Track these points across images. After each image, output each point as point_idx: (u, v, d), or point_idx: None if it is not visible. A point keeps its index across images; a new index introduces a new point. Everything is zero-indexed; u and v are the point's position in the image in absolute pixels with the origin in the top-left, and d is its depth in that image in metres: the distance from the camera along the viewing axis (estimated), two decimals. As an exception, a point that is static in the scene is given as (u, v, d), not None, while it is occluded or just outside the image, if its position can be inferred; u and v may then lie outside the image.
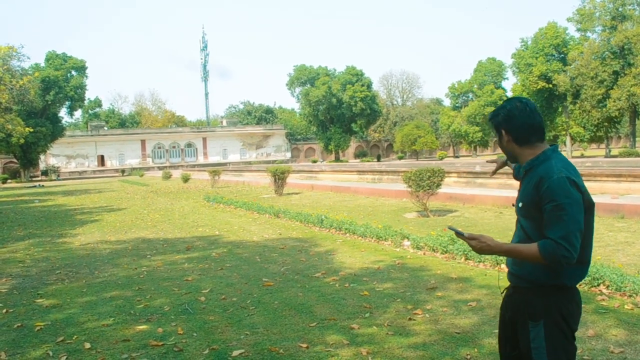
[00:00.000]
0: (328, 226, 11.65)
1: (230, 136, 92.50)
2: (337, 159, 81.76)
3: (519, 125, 2.41)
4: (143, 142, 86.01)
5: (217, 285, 7.10)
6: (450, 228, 2.48)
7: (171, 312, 5.91)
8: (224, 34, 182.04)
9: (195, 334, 5.13)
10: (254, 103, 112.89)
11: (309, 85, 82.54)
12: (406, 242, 9.22)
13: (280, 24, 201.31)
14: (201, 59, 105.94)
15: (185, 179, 37.10)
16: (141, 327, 5.43)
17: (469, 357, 4.26)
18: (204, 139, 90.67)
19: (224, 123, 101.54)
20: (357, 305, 5.80)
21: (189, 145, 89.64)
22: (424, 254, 8.53)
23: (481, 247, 2.30)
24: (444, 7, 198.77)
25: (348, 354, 4.45)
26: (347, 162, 73.96)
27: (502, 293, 2.60)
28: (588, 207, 2.28)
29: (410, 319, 5.27)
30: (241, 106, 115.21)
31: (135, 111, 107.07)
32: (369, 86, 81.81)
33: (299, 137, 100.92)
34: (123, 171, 74.32)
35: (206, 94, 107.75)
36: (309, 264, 8.24)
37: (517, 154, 2.46)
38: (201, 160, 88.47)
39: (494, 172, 3.38)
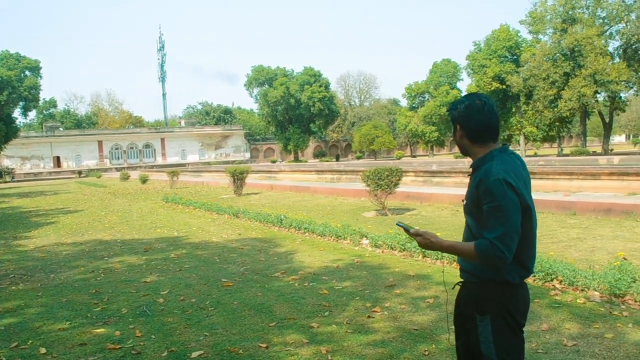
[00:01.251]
0: (287, 226, 11.66)
1: (188, 137, 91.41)
2: (296, 159, 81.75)
3: (475, 123, 2.44)
4: (100, 143, 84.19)
5: (176, 286, 7.04)
6: (399, 224, 2.54)
7: (129, 315, 5.84)
8: (181, 34, 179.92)
9: (153, 336, 5.08)
10: (212, 103, 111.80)
11: (267, 86, 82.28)
12: (365, 241, 9.31)
13: (239, 25, 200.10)
14: (158, 59, 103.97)
15: (144, 180, 36.50)
16: (98, 330, 5.34)
17: (427, 353, 4.35)
18: (162, 140, 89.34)
19: (182, 123, 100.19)
20: (316, 304, 5.84)
21: (147, 146, 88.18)
22: (383, 252, 8.64)
23: (425, 243, 2.37)
24: (399, 8, 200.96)
25: (308, 353, 4.48)
26: (306, 162, 74.00)
27: (452, 288, 2.65)
28: (525, 210, 2.32)
29: (369, 316, 5.34)
30: (199, 106, 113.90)
31: (91, 112, 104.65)
32: (327, 87, 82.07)
33: (258, 137, 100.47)
34: (80, 172, 72.46)
35: (164, 94, 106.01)
36: (269, 263, 8.24)
37: (468, 149, 2.50)
38: (160, 161, 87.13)
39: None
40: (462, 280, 2.57)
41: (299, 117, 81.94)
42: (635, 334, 4.54)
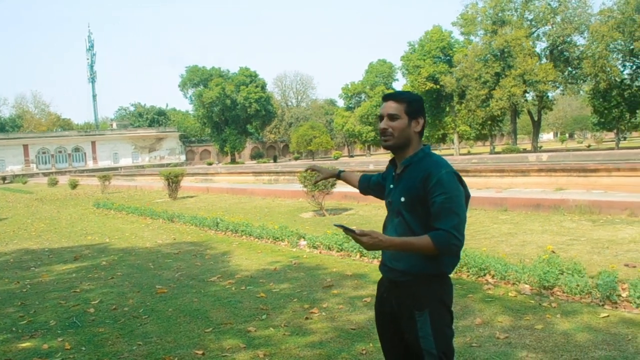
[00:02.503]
0: (224, 229, 11.50)
1: (121, 139, 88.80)
2: (233, 161, 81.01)
3: (426, 117, 2.55)
4: (25, 147, 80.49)
5: (108, 295, 6.79)
6: (338, 225, 2.41)
7: (57, 327, 5.58)
8: (111, 34, 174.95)
9: (83, 348, 4.87)
10: (145, 105, 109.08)
11: (202, 87, 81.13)
12: (302, 242, 9.28)
13: (173, 24, 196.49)
14: (87, 59, 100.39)
15: (73, 185, 35.17)
16: (24, 344, 5.08)
17: (364, 352, 4.35)
18: (93, 143, 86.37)
19: (114, 126, 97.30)
20: (253, 308, 5.76)
21: (77, 149, 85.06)
22: (320, 252, 8.63)
23: (373, 242, 2.25)
24: (334, 9, 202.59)
25: (245, 358, 4.40)
26: (243, 163, 73.40)
27: (379, 289, 2.65)
28: (466, 199, 2.42)
29: (307, 318, 5.30)
30: (132, 108, 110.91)
31: (16, 114, 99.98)
32: (264, 87, 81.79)
33: (193, 139, 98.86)
34: (4, 178, 69.16)
35: (94, 96, 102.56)
36: (205, 268, 8.09)
37: (412, 142, 2.48)
38: (90, 165, 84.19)
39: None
40: (389, 280, 2.54)
41: (236, 118, 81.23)
42: (563, 324, 4.69)
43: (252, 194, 21.13)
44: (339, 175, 3.17)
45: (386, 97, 2.53)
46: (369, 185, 2.98)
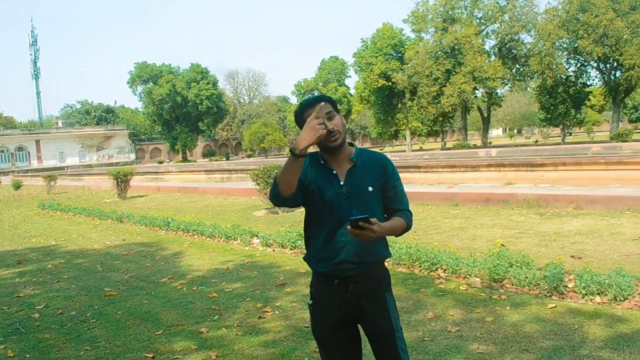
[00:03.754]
0: (175, 229, 11.30)
1: (67, 138, 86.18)
2: (185, 159, 79.84)
3: None
4: (-36, 146, 77.43)
5: (54, 299, 6.56)
6: (353, 218, 2.19)
7: (0, 334, 5.36)
8: (56, 29, 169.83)
9: (28, 355, 4.69)
10: (92, 102, 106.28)
11: (152, 84, 79.57)
12: (255, 240, 9.20)
13: (120, 20, 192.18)
14: (31, 54, 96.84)
15: (17, 186, 33.94)
16: (-38, 354, 4.85)
17: (318, 350, 4.32)
18: (37, 142, 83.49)
19: (60, 124, 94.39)
20: (205, 308, 5.66)
21: (20, 148, 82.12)
22: (274, 250, 8.57)
23: (379, 230, 2.19)
24: (287, 5, 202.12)
25: (196, 360, 4.32)
26: (195, 161, 72.40)
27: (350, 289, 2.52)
28: None
29: (260, 317, 5.24)
30: (78, 105, 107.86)
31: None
32: (215, 84, 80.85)
33: (143, 137, 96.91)
34: (-59, 180, 66.31)
35: (38, 93, 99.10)
36: (155, 269, 7.92)
37: (344, 140, 2.56)
38: (35, 164, 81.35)
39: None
40: (354, 276, 2.46)
41: (187, 115, 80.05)
42: (512, 316, 4.77)
43: (204, 192, 20.86)
44: (302, 156, 2.88)
45: (312, 102, 2.44)
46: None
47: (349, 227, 2.18)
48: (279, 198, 2.42)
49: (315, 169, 2.51)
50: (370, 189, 2.47)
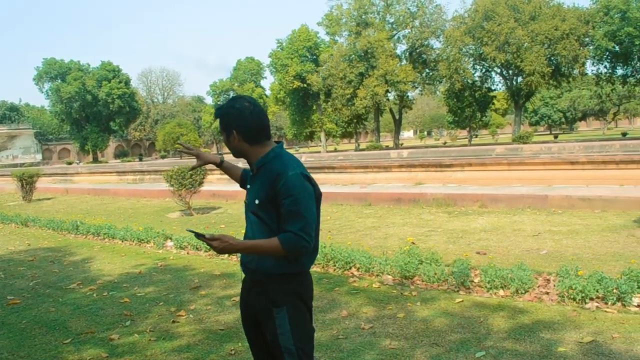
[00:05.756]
0: (84, 232, 10.87)
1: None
2: (96, 160, 76.70)
3: (250, 126, 2.46)
4: None
5: (-52, 310, 6.15)
6: (190, 230, 2.43)
7: None
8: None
9: None
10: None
11: (60, 81, 75.85)
12: (169, 243, 9.02)
13: (28, 14, 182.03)
14: None
15: None
16: None
17: (233, 352, 4.31)
18: None
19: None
20: (116, 314, 5.50)
21: None
22: (188, 253, 8.44)
23: (224, 247, 2.28)
24: (201, 4, 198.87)
25: (107, 367, 4.19)
26: (106, 162, 69.69)
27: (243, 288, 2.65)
28: (318, 197, 2.46)
29: (174, 321, 5.16)
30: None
31: None
32: (127, 83, 78.16)
33: (51, 137, 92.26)
34: None
35: None
36: (63, 274, 7.59)
37: (246, 152, 2.49)
38: None
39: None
40: (249, 279, 2.55)
41: (97, 114, 76.88)
42: (422, 311, 4.96)
43: (115, 194, 20.20)
44: (220, 164, 2.96)
45: (215, 111, 2.55)
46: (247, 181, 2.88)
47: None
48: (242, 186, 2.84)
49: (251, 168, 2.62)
50: (256, 201, 2.44)
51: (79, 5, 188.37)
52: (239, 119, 2.45)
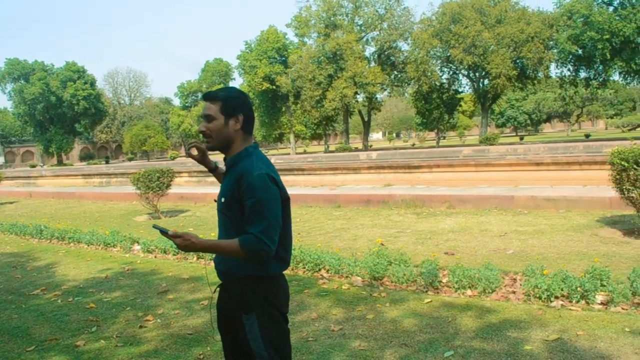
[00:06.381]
0: (49, 237, 10.65)
1: None
2: (60, 163, 75.17)
3: (252, 114, 2.47)
4: None
5: None
6: (155, 227, 2.42)
7: None
8: None
9: None
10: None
11: (23, 82, 74.13)
12: (136, 247, 8.89)
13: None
14: None
15: None
16: None
17: (202, 356, 4.27)
18: None
19: None
20: (82, 320, 5.39)
21: None
22: (156, 257, 8.33)
23: (185, 244, 2.27)
24: (170, 4, 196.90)
25: (72, 375, 4.11)
26: (72, 165, 68.45)
27: (214, 292, 2.61)
28: (284, 201, 2.40)
29: (141, 326, 5.08)
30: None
31: None
32: (93, 84, 76.80)
33: (13, 139, 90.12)
34: None
35: None
36: (27, 280, 7.41)
37: (235, 140, 2.44)
38: None
39: (191, 156, 2.86)
40: (221, 282, 2.53)
41: (62, 116, 75.36)
42: (391, 312, 4.98)
43: (81, 197, 19.83)
44: (215, 170, 2.86)
45: (203, 97, 2.47)
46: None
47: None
48: None
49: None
50: (222, 199, 2.42)
51: (40, 6, 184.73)
52: (246, 104, 2.45)
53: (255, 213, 2.26)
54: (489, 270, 5.45)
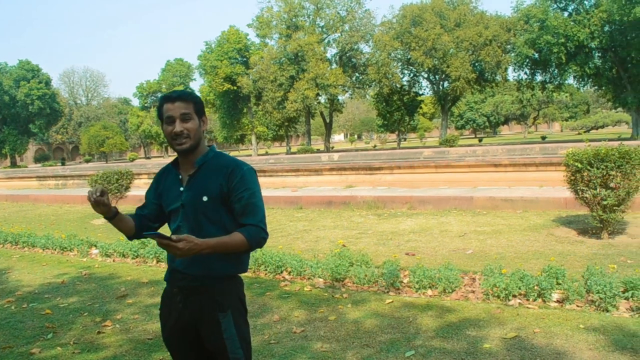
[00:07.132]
0: (1, 241, 10.32)
1: None
2: (14, 165, 73.11)
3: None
4: None
5: None
6: (148, 234, 2.17)
7: None
8: None
9: None
10: None
11: (-27, 81, 71.92)
12: (94, 251, 8.71)
13: None
14: None
15: None
16: None
17: (161, 361, 4.20)
18: None
19: None
20: (37, 327, 5.24)
21: None
22: (114, 261, 8.17)
23: (190, 247, 2.11)
24: (129, 5, 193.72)
25: (26, 383, 3.99)
26: (26, 167, 66.63)
27: (179, 302, 2.45)
28: None
29: (99, 332, 4.97)
30: None
31: None
32: (48, 83, 74.96)
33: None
34: None
35: None
36: (-22, 286, 7.18)
37: (201, 142, 2.43)
38: None
39: (96, 202, 2.51)
40: (182, 287, 2.42)
41: (15, 116, 73.28)
42: (353, 313, 5.00)
43: (36, 200, 19.31)
44: (114, 215, 2.60)
45: (172, 98, 2.39)
46: (151, 218, 2.65)
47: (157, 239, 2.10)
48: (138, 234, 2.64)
49: (167, 174, 2.55)
50: (205, 198, 2.35)
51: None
52: (203, 106, 2.49)
53: (251, 204, 2.34)
54: (448, 270, 5.52)
